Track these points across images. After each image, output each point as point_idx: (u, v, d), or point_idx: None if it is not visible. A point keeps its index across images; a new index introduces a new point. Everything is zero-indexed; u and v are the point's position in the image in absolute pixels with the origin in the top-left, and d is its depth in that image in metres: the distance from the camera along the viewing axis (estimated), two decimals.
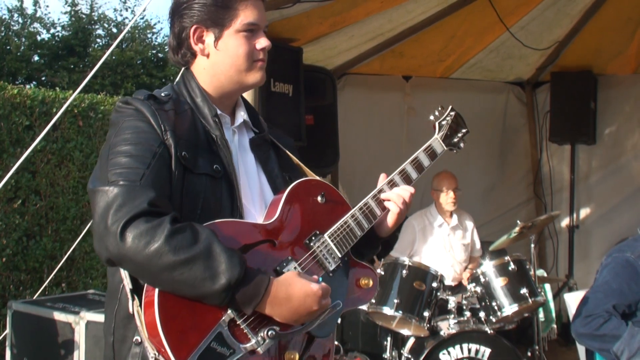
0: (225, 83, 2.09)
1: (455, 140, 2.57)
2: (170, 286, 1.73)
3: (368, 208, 2.16)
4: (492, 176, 7.25)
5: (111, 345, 1.94)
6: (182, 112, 2.00)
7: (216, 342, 1.75)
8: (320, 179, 2.17)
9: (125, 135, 1.88)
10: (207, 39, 2.05)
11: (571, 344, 5.37)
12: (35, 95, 6.45)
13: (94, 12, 18.39)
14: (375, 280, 2.16)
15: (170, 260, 1.70)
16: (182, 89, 2.09)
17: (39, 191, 6.45)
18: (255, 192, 2.08)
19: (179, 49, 2.09)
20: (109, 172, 1.81)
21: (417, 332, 4.52)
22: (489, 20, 5.54)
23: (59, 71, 16.70)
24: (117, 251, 1.71)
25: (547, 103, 6.88)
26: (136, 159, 1.82)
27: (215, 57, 2.06)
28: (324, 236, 2.04)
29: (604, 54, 6.43)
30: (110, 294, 1.98)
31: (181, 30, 2.06)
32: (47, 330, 4.35)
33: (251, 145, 2.15)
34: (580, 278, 6.58)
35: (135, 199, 1.74)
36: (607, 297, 3.33)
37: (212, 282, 1.72)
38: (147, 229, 1.70)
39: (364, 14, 5.00)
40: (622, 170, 6.79)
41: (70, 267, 6.69)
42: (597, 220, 6.90)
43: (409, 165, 2.32)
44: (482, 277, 4.52)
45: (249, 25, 2.05)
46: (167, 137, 1.89)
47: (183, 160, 1.90)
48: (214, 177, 1.95)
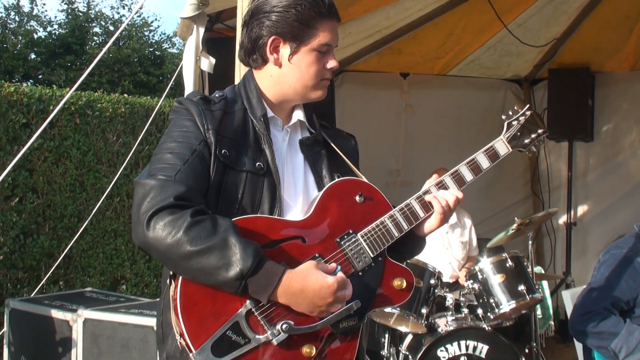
0: (288, 93, 2.18)
1: (526, 142, 2.46)
2: (189, 274, 1.85)
3: (410, 209, 2.16)
4: (490, 173, 7.11)
5: (160, 326, 2.07)
6: (232, 112, 2.11)
7: (232, 331, 1.86)
8: (365, 180, 2.18)
9: (172, 133, 2.03)
10: (283, 51, 2.13)
11: (569, 341, 5.38)
12: (32, 93, 6.44)
13: (90, 10, 18.39)
14: (411, 283, 2.13)
15: (188, 249, 1.82)
16: (241, 90, 2.20)
17: (36, 189, 6.44)
18: (300, 191, 2.14)
19: (252, 53, 2.17)
20: (152, 167, 1.97)
21: (415, 329, 4.52)
22: (487, 17, 5.54)
23: (56, 69, 16.70)
24: (144, 239, 1.85)
25: (544, 100, 6.88)
26: (176, 156, 1.96)
27: (286, 69, 2.14)
28: (356, 235, 2.06)
29: (601, 51, 6.43)
30: (164, 279, 2.09)
31: (259, 37, 2.13)
32: (45, 328, 4.35)
33: (300, 145, 2.21)
34: (577, 275, 6.59)
35: (165, 192, 1.87)
36: (604, 294, 3.32)
37: (225, 270, 1.82)
38: (170, 220, 1.83)
39: (361, 11, 5.00)
40: (620, 167, 6.80)
41: (68, 265, 6.68)
42: (595, 218, 6.90)
43: (464, 166, 2.33)
44: (480, 274, 4.52)
45: (324, 45, 2.14)
46: (208, 135, 2.00)
47: (222, 158, 2.00)
48: (256, 173, 2.04)
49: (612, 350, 3.25)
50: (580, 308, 3.38)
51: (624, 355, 3.22)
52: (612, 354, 3.27)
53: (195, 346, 1.82)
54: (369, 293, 2.07)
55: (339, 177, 2.18)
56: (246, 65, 2.25)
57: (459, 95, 6.94)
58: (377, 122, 6.80)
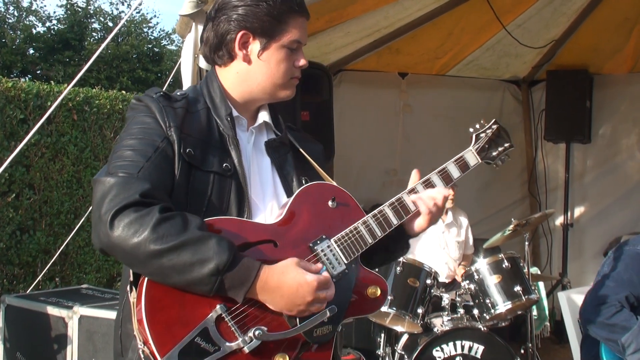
0: (256, 92, 2.10)
1: (494, 154, 2.49)
2: (160, 274, 1.74)
3: (383, 216, 2.11)
4: (487, 174, 7.24)
5: (119, 338, 1.98)
6: (196, 111, 2.02)
7: (201, 337, 1.75)
8: (335, 184, 2.12)
9: (131, 130, 1.93)
10: (252, 47, 2.05)
11: (564, 341, 5.37)
12: (30, 88, 6.44)
13: (89, 6, 18.37)
14: (385, 291, 2.09)
15: (158, 247, 1.71)
16: (203, 89, 2.11)
17: (33, 185, 6.44)
18: (269, 194, 2.06)
19: (218, 49, 2.08)
20: (111, 164, 1.86)
21: (411, 329, 4.53)
22: (486, 18, 5.54)
23: (54, 65, 16.68)
24: (108, 240, 1.73)
25: (542, 101, 6.89)
26: (138, 152, 1.86)
27: (254, 66, 2.07)
28: (330, 241, 1.99)
29: (600, 53, 6.43)
30: (122, 288, 2.00)
31: (227, 31, 2.04)
32: (40, 325, 4.35)
33: (266, 147, 2.13)
34: (573, 276, 6.60)
35: (129, 189, 1.76)
36: (619, 287, 3.37)
37: (200, 266, 1.72)
38: (136, 217, 1.72)
39: (360, 10, 5.00)
40: (617, 169, 6.81)
41: (64, 262, 6.69)
42: (592, 219, 6.91)
43: (435, 175, 2.28)
44: (476, 274, 4.53)
45: (295, 42, 2.07)
46: (170, 132, 1.91)
47: (187, 157, 1.91)
48: (223, 175, 1.96)
49: (621, 344, 3.28)
50: (594, 299, 3.41)
51: (632, 350, 3.26)
52: (620, 347, 3.30)
53: (161, 354, 1.70)
54: (343, 300, 1.98)
55: (307, 181, 2.11)
56: (210, 62, 2.15)
57: (457, 96, 6.94)
58: (375, 122, 6.80)
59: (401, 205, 2.14)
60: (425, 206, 2.16)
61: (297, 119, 4.94)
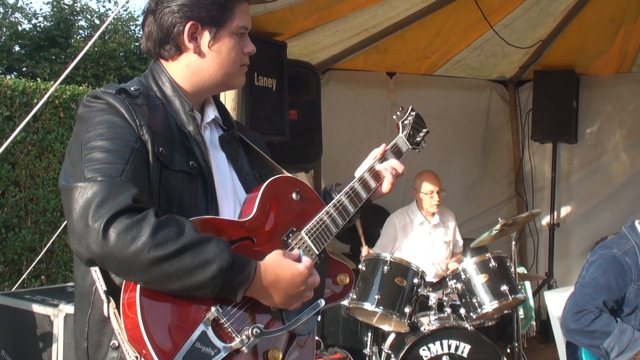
0: (208, 83, 2.03)
1: (417, 140, 2.62)
2: (160, 281, 1.67)
3: (341, 205, 2.17)
4: (474, 174, 7.28)
5: (85, 351, 1.86)
6: (154, 106, 1.92)
7: (200, 342, 1.70)
8: (292, 176, 2.16)
9: (99, 130, 1.78)
10: (201, 38, 1.98)
11: (550, 341, 5.40)
12: (16, 85, 6.40)
13: (76, 3, 18.28)
14: (352, 277, 2.17)
15: (159, 253, 1.64)
16: (150, 83, 2.01)
17: (19, 182, 6.40)
18: (229, 190, 2.03)
19: (164, 43, 1.98)
20: (85, 169, 1.72)
21: (398, 328, 4.53)
22: (473, 17, 5.55)
23: (41, 62, 16.59)
24: (100, 249, 1.62)
25: (529, 101, 6.91)
26: (114, 155, 1.74)
27: (206, 57, 2.00)
28: (301, 233, 2.03)
29: (586, 53, 6.47)
30: (82, 297, 1.89)
31: (172, 24, 1.95)
32: (26, 323, 4.32)
33: (220, 142, 2.09)
34: (559, 276, 6.63)
35: (118, 195, 1.66)
36: (596, 292, 3.38)
37: (203, 269, 1.68)
38: (132, 223, 1.63)
39: (349, 9, 5.00)
40: (603, 169, 6.85)
41: (50, 260, 6.65)
42: (578, 219, 6.95)
43: (377, 162, 2.39)
44: (463, 273, 4.54)
45: (242, 28, 2.02)
46: (142, 132, 1.81)
47: (161, 157, 1.83)
48: (190, 173, 1.89)
49: (604, 349, 3.29)
50: (572, 307, 3.41)
51: (615, 354, 3.27)
52: (603, 352, 3.31)
53: None
54: (321, 289, 2.04)
55: (261, 175, 2.14)
56: (154, 57, 2.04)
57: (444, 95, 6.96)
58: (363, 121, 6.80)
59: (350, 198, 2.22)
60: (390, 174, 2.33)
61: (285, 117, 4.94)
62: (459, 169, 7.10)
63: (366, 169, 2.33)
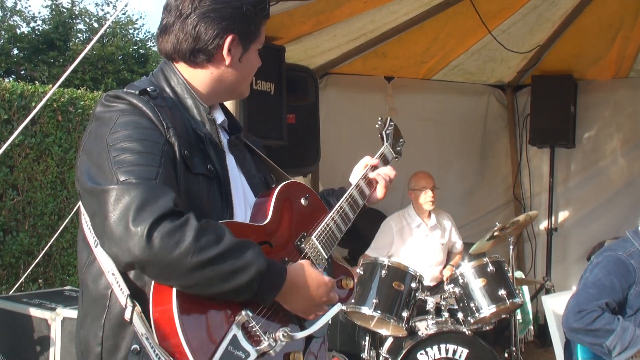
0: (224, 91, 2.05)
1: (398, 149, 2.70)
2: (199, 284, 1.67)
3: (343, 211, 2.23)
4: (472, 178, 7.28)
5: (99, 355, 1.82)
6: (172, 107, 1.90)
7: (233, 345, 1.72)
8: (301, 182, 2.19)
9: (125, 132, 1.74)
10: (236, 51, 1.99)
11: (548, 345, 5.41)
12: (14, 89, 6.40)
13: (75, 6, 18.29)
14: (355, 281, 2.23)
15: (203, 257, 1.63)
16: (162, 84, 1.99)
17: (17, 186, 6.39)
18: (240, 194, 2.03)
19: (197, 51, 1.95)
20: (117, 170, 1.68)
21: (396, 332, 4.53)
22: (472, 23, 5.56)
23: (39, 65, 16.59)
24: (144, 254, 1.59)
25: (527, 106, 6.92)
26: (145, 157, 1.71)
27: (234, 68, 2.00)
28: (311, 238, 2.06)
29: (584, 59, 6.48)
30: (93, 301, 1.85)
31: (213, 36, 1.93)
32: (23, 327, 4.31)
33: (229, 145, 2.08)
34: (557, 280, 6.63)
35: (158, 198, 1.63)
36: (600, 293, 3.41)
37: (242, 273, 1.69)
38: (175, 227, 1.62)
39: (347, 14, 5.00)
40: (601, 174, 6.86)
41: (47, 263, 6.64)
42: (575, 224, 6.96)
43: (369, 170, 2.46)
44: (461, 278, 4.54)
45: (262, 44, 2.08)
46: (170, 134, 1.79)
47: (187, 160, 1.82)
48: (209, 177, 1.89)
49: (606, 347, 3.32)
50: (575, 306, 3.44)
51: (618, 351, 3.30)
52: (606, 350, 3.34)
53: None
54: None
55: (266, 179, 2.18)
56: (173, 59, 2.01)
57: (442, 100, 6.97)
58: (361, 125, 6.78)
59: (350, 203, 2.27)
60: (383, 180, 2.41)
61: (283, 121, 4.95)
62: (457, 174, 7.10)
63: (360, 176, 2.39)
